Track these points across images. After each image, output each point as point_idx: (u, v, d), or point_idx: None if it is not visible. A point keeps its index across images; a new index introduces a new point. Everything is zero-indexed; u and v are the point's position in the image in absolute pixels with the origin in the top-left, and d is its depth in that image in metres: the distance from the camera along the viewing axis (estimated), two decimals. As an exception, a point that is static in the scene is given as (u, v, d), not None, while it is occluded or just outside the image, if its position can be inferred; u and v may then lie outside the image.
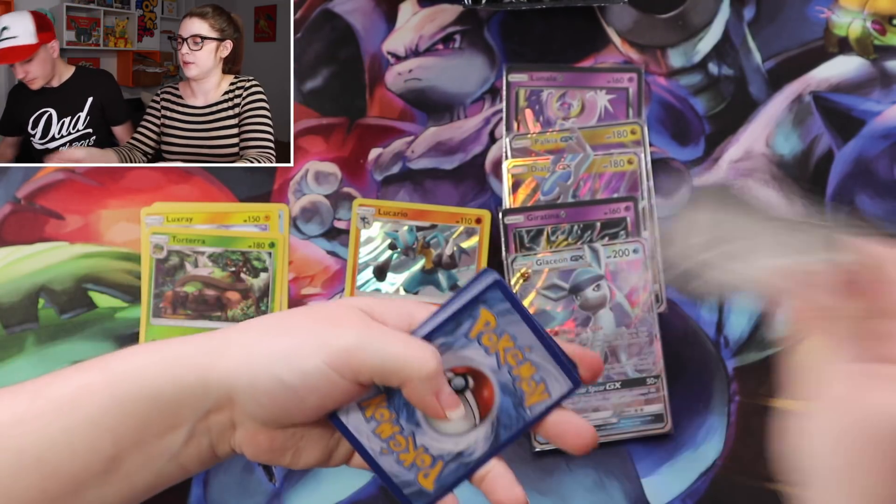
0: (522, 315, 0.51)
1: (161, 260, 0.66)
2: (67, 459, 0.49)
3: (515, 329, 0.51)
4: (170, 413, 0.50)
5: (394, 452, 0.52)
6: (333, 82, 0.69)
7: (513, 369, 0.51)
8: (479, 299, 0.50)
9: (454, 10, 0.69)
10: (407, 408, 0.51)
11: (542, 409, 0.52)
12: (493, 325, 0.51)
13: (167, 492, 0.65)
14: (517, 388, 0.52)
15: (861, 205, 0.68)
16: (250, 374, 0.49)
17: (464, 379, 0.51)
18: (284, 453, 0.53)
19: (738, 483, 0.66)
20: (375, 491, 0.65)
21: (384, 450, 0.52)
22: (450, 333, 0.50)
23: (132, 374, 0.50)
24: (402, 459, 0.52)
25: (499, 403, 0.52)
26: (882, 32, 0.70)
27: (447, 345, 0.50)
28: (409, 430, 0.52)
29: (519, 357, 0.51)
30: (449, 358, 0.51)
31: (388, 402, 0.51)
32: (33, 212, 0.67)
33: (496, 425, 0.52)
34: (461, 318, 0.50)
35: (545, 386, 0.51)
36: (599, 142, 0.68)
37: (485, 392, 0.51)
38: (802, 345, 0.50)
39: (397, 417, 0.52)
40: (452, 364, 0.51)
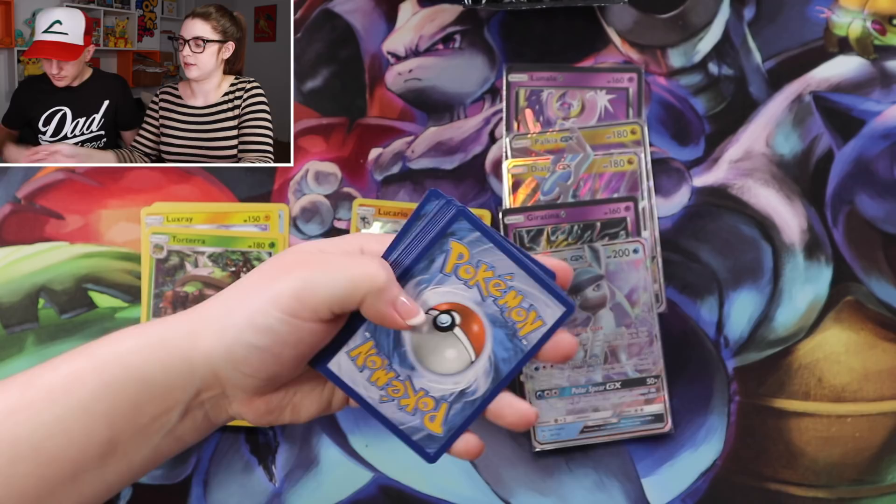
0: (495, 243, 0.50)
1: (161, 260, 0.66)
2: (64, 446, 0.50)
3: (491, 258, 0.50)
4: (161, 396, 0.51)
5: (394, 399, 0.51)
6: (333, 82, 0.69)
7: (498, 300, 0.50)
8: (446, 233, 0.49)
9: (454, 10, 0.69)
10: (398, 352, 0.51)
11: (538, 338, 0.51)
12: (466, 257, 0.50)
13: (167, 492, 0.65)
14: (507, 318, 0.51)
15: (861, 205, 0.68)
16: (226, 349, 0.50)
17: (449, 315, 0.51)
18: (283, 411, 0.54)
19: (738, 483, 0.67)
20: (375, 491, 0.65)
21: (383, 397, 0.51)
22: (424, 271, 0.50)
23: (119, 360, 0.51)
24: (403, 405, 0.51)
25: (492, 336, 0.51)
26: (882, 32, 0.70)
27: (424, 282, 0.50)
28: (404, 375, 0.51)
29: (501, 286, 0.50)
30: (429, 296, 0.50)
31: (378, 349, 0.50)
32: (33, 212, 0.67)
33: (494, 360, 0.51)
34: (433, 255, 0.50)
35: (536, 313, 0.50)
36: (599, 142, 0.68)
37: (474, 327, 0.51)
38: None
39: (390, 363, 0.51)
40: (435, 302, 0.50)
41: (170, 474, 0.65)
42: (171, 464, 0.65)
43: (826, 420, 0.67)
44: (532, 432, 0.65)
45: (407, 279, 0.50)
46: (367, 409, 0.51)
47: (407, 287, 0.50)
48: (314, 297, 0.49)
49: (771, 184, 0.69)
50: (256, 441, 0.66)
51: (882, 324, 0.68)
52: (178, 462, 0.65)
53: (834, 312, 0.68)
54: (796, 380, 0.67)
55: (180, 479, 0.65)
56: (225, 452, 0.66)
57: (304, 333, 0.50)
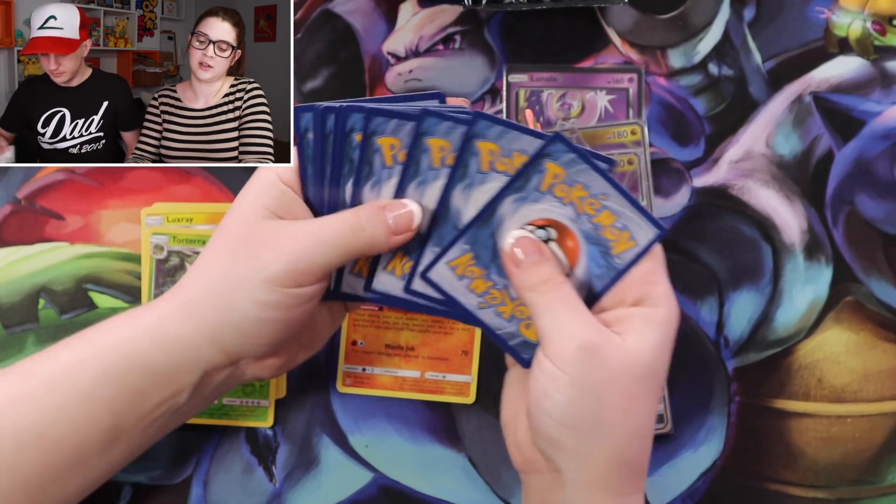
0: (591, 164, 0.51)
1: (161, 260, 0.66)
2: (67, 433, 0.50)
3: (586, 178, 0.51)
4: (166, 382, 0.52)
5: (491, 306, 0.53)
6: (333, 82, 0.69)
7: (592, 218, 0.52)
8: (543, 153, 0.51)
9: (454, 11, 0.69)
10: (495, 263, 0.52)
11: (631, 257, 0.52)
12: (562, 177, 0.51)
13: (167, 492, 0.65)
14: (601, 236, 0.52)
15: (861, 205, 0.68)
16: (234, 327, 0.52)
17: (545, 231, 0.52)
18: (296, 356, 0.57)
19: (738, 483, 0.67)
20: (375, 491, 0.65)
21: (481, 304, 0.53)
22: (520, 189, 0.51)
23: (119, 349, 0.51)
24: (500, 312, 0.53)
25: (586, 252, 0.52)
26: (882, 33, 0.70)
27: (521, 199, 0.51)
28: (501, 284, 0.53)
29: (596, 205, 0.52)
30: (525, 212, 0.51)
31: (477, 260, 0.52)
32: (33, 212, 0.67)
33: (588, 275, 0.52)
34: (528, 174, 0.51)
35: (630, 234, 0.52)
36: (600, 142, 0.68)
37: (569, 242, 0.52)
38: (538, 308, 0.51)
39: (488, 273, 0.53)
40: (530, 217, 0.52)
41: (170, 474, 0.65)
42: (171, 464, 0.65)
43: (826, 420, 0.67)
44: (532, 432, 0.65)
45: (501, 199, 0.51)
46: (463, 315, 0.53)
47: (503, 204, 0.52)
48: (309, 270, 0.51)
49: (771, 184, 0.69)
50: (256, 441, 0.66)
51: (882, 324, 0.68)
52: (177, 462, 0.65)
53: (834, 313, 0.68)
54: (796, 380, 0.67)
55: (180, 479, 0.65)
56: (225, 452, 0.66)
57: (309, 294, 0.51)
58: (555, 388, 0.49)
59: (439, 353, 0.66)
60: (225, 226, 0.53)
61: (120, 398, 0.51)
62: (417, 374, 0.66)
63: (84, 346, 0.52)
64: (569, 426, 0.49)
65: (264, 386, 0.65)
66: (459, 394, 0.66)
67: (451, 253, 0.52)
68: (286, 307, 0.51)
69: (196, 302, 0.52)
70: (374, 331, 0.66)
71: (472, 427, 0.66)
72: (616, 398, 0.49)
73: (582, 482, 0.49)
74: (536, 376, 0.50)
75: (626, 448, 0.49)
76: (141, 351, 0.51)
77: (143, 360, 0.51)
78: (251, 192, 0.53)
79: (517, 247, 0.52)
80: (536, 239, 0.52)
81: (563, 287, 0.51)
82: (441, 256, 0.53)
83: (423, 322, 0.66)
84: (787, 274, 0.68)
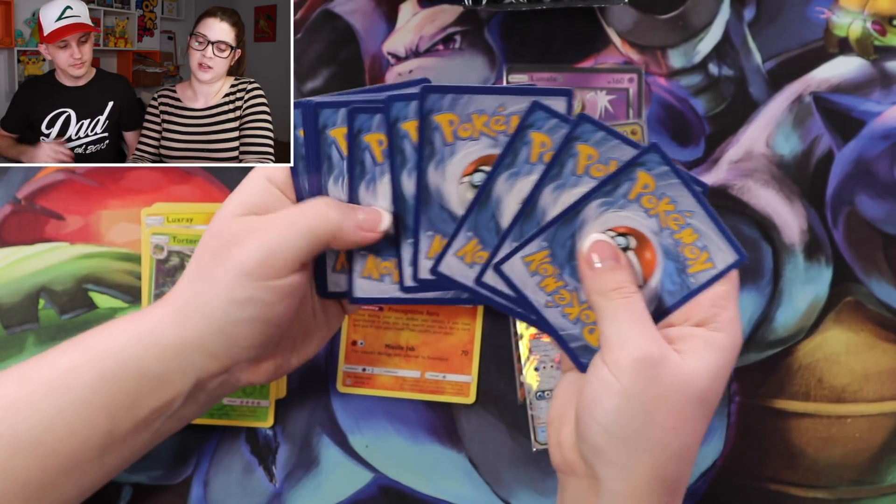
0: (683, 180, 0.51)
1: (161, 260, 0.66)
2: (65, 438, 0.50)
3: (675, 192, 0.51)
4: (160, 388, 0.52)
5: (559, 306, 0.53)
6: (334, 82, 0.69)
7: (674, 233, 0.52)
8: (637, 162, 0.51)
9: (454, 11, 0.69)
10: (570, 264, 0.52)
11: (706, 279, 0.52)
12: (652, 188, 0.51)
13: (168, 492, 0.65)
14: (679, 253, 0.52)
15: (861, 205, 0.68)
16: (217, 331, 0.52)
17: (625, 238, 0.52)
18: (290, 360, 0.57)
19: (738, 483, 0.67)
20: (375, 491, 0.65)
21: (549, 303, 0.53)
22: (608, 194, 0.51)
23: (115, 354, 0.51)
24: (567, 313, 0.53)
25: (662, 266, 0.52)
26: (882, 33, 0.70)
27: (607, 204, 0.51)
28: (573, 286, 0.53)
29: (680, 221, 0.51)
30: (609, 217, 0.51)
31: (552, 259, 0.52)
32: (33, 212, 0.67)
33: (660, 289, 0.52)
34: (619, 180, 0.51)
35: (709, 255, 0.52)
36: (600, 142, 0.68)
37: (647, 254, 0.52)
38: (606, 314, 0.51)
39: (561, 273, 0.52)
40: (613, 223, 0.51)
41: (170, 474, 0.65)
42: (171, 464, 0.65)
43: (826, 420, 0.67)
44: (532, 432, 0.65)
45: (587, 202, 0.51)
46: (528, 312, 0.53)
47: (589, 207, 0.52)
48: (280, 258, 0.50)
49: (771, 184, 0.69)
50: (256, 441, 0.66)
51: (882, 324, 0.68)
52: (178, 462, 0.65)
53: (834, 313, 0.68)
54: (796, 380, 0.67)
55: (180, 479, 0.65)
56: (225, 452, 0.66)
57: (286, 288, 0.51)
58: (607, 395, 0.49)
59: (439, 353, 0.66)
60: (208, 229, 0.53)
61: (116, 403, 0.51)
62: (417, 374, 0.66)
63: (81, 350, 0.52)
64: (615, 435, 0.49)
65: (264, 386, 0.65)
66: (459, 394, 0.66)
67: (529, 248, 0.52)
68: (264, 303, 0.50)
69: (184, 309, 0.52)
70: (374, 331, 0.66)
71: (472, 427, 0.66)
72: (665, 415, 0.49)
73: (619, 493, 0.49)
74: (591, 381, 0.50)
75: (668, 465, 0.49)
76: (135, 356, 0.51)
77: (137, 366, 0.51)
78: (234, 193, 0.53)
79: (595, 251, 0.52)
80: (615, 245, 0.52)
81: (633, 297, 0.51)
82: (518, 250, 0.53)
83: (423, 322, 0.66)
84: (787, 274, 0.68)
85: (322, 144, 0.53)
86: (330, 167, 0.53)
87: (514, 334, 0.66)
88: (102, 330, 0.53)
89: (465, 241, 0.53)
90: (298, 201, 0.54)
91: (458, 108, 0.52)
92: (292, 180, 0.54)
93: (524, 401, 0.66)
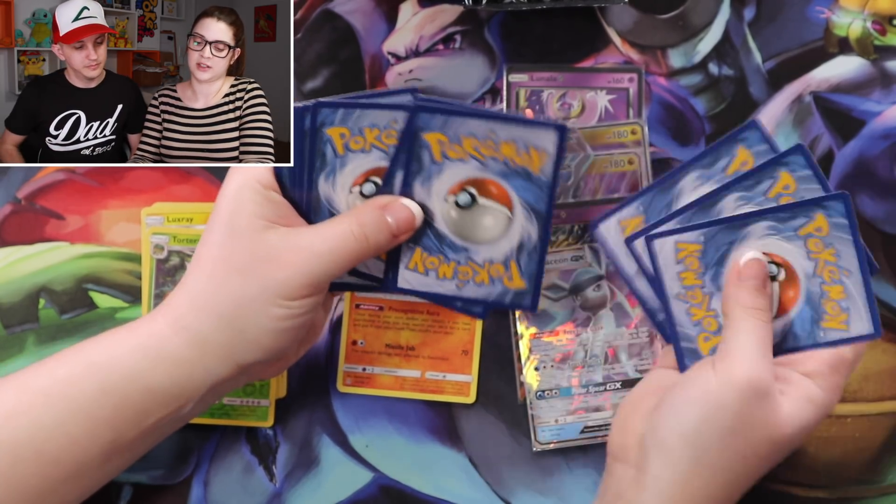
0: (854, 239, 0.51)
1: (161, 260, 0.66)
2: (66, 447, 0.50)
3: (843, 247, 0.51)
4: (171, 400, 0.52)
5: (688, 302, 0.53)
6: (334, 82, 0.69)
7: (824, 284, 0.52)
8: (820, 203, 0.52)
9: (454, 11, 0.69)
10: (716, 269, 0.52)
11: (834, 338, 0.52)
12: (824, 232, 0.51)
13: (168, 492, 0.65)
14: (821, 304, 0.52)
15: (861, 205, 0.68)
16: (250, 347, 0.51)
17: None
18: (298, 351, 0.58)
19: (738, 483, 0.67)
20: (375, 491, 0.65)
21: (680, 295, 0.53)
22: (781, 220, 0.52)
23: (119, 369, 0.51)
24: (691, 312, 0.53)
25: (798, 309, 0.52)
26: (882, 33, 0.70)
27: (775, 230, 0.51)
28: (709, 290, 0.53)
29: (835, 276, 0.52)
30: (773, 242, 0.52)
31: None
32: (34, 212, 0.67)
33: (787, 330, 0.52)
34: (796, 213, 0.52)
35: (847, 317, 0.52)
36: (600, 142, 0.68)
37: (790, 291, 0.52)
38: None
39: (704, 272, 0.53)
40: (774, 250, 0.52)
41: (170, 474, 0.65)
42: (171, 464, 0.65)
43: (826, 420, 0.67)
44: (532, 432, 0.65)
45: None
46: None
47: (759, 226, 0.52)
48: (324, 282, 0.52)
49: (771, 184, 0.69)
50: (256, 441, 0.66)
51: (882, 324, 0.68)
52: (178, 462, 0.65)
53: (834, 313, 0.68)
54: (796, 380, 0.67)
55: (180, 479, 0.65)
56: (225, 452, 0.66)
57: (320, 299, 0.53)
58: (703, 401, 0.49)
59: (439, 352, 0.66)
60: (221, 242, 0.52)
61: (120, 416, 0.51)
62: (418, 374, 0.66)
63: (78, 360, 0.51)
64: (689, 440, 0.49)
65: (264, 386, 0.65)
66: (460, 394, 0.66)
67: (686, 236, 0.53)
68: (299, 315, 0.52)
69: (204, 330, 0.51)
70: (374, 331, 0.66)
71: (472, 427, 0.66)
72: (745, 444, 0.49)
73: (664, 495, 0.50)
74: (693, 380, 0.50)
75: (721, 488, 0.50)
76: (140, 370, 0.51)
77: (145, 381, 0.51)
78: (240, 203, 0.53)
79: (748, 268, 0.52)
80: (767, 271, 0.52)
81: (767, 322, 0.51)
82: (675, 233, 0.53)
83: (423, 322, 0.66)
84: (787, 274, 0.68)
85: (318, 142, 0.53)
86: (322, 164, 0.54)
87: (515, 334, 0.66)
88: (99, 340, 0.52)
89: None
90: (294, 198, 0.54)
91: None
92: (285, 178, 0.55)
93: (524, 401, 0.66)
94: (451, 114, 0.52)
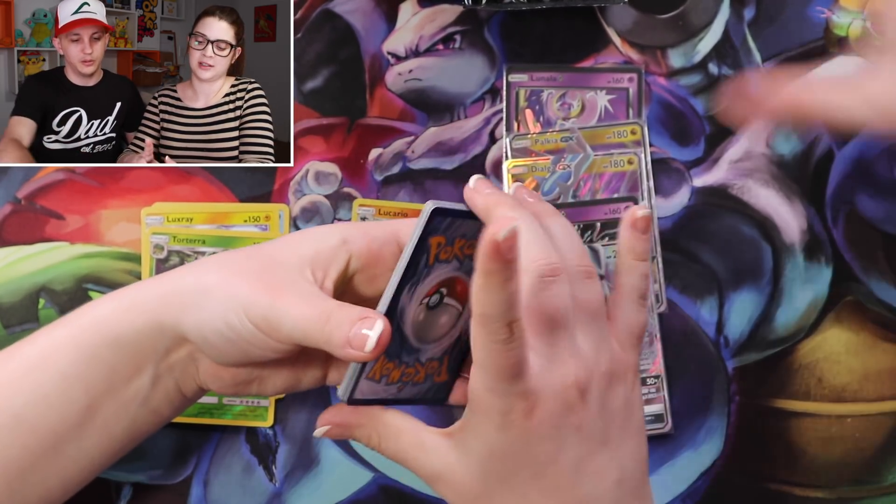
0: (466, 216, 0.50)
1: (161, 260, 0.66)
2: (43, 413, 0.51)
3: (464, 229, 0.50)
4: (132, 355, 0.52)
5: (407, 383, 0.52)
6: (333, 82, 0.69)
7: (473, 257, 0.49)
8: (426, 234, 0.49)
9: (454, 11, 0.69)
10: (405, 347, 0.51)
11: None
12: (444, 242, 0.50)
13: (167, 492, 0.65)
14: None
15: (861, 205, 0.68)
16: (196, 325, 0.51)
17: (438, 294, 0.51)
18: (250, 385, 0.55)
19: (738, 483, 0.67)
20: (375, 491, 0.65)
21: (401, 388, 0.52)
22: (412, 276, 0.49)
23: (94, 325, 0.52)
24: (416, 382, 0.52)
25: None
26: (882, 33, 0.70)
27: (415, 283, 0.49)
28: (413, 359, 0.51)
29: (475, 245, 0.49)
30: (420, 291, 0.50)
31: (388, 358, 0.51)
32: (34, 212, 0.67)
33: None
34: (418, 259, 0.49)
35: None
36: (599, 142, 0.68)
37: (457, 287, 0.51)
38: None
39: (399, 360, 0.51)
40: (424, 291, 0.50)
41: (170, 474, 0.65)
42: (171, 463, 0.65)
43: (826, 420, 0.67)
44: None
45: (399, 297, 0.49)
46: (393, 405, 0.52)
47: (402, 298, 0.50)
48: (279, 328, 0.49)
49: (771, 184, 0.69)
50: (256, 441, 0.66)
51: (882, 324, 0.68)
52: (178, 462, 0.65)
53: (834, 313, 0.68)
54: (796, 380, 0.67)
55: (180, 479, 0.65)
56: (225, 452, 0.66)
57: (273, 346, 0.50)
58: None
59: (439, 352, 0.66)
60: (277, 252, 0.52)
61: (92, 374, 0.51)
62: (417, 374, 0.66)
63: (62, 326, 0.53)
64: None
65: (264, 386, 0.65)
66: (459, 393, 0.66)
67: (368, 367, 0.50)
68: (248, 341, 0.50)
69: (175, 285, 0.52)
70: (374, 331, 0.66)
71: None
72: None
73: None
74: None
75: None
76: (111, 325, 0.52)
77: (114, 335, 0.51)
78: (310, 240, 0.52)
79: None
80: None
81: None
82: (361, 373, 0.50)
83: (423, 322, 0.66)
84: (787, 274, 0.68)
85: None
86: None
87: (514, 334, 0.66)
88: (87, 305, 0.53)
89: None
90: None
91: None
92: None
93: (524, 400, 0.66)
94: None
